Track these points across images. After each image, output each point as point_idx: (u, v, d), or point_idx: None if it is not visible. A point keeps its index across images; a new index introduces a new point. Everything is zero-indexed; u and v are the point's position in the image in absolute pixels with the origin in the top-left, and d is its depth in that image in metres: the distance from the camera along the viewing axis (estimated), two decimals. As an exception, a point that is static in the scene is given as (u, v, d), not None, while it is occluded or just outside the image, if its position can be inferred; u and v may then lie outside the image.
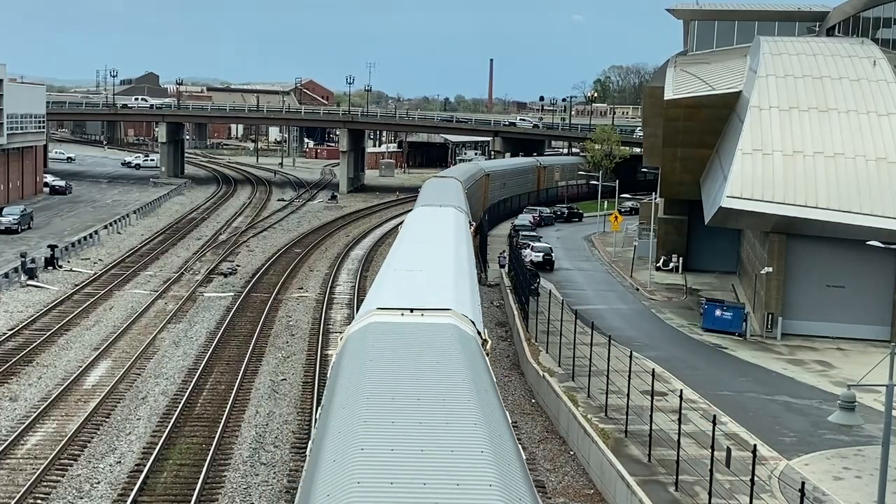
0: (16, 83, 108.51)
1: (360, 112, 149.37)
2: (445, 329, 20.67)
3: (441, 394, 16.16)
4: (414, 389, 16.34)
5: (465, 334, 20.95)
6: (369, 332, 20.47)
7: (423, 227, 41.72)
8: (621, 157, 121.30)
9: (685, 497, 28.30)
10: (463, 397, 16.03)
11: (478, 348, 21.11)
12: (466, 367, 17.92)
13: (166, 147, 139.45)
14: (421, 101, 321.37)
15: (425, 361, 17.97)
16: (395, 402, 15.68)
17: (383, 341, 19.59)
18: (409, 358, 18.27)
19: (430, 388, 16.42)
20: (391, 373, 17.26)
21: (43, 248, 69.84)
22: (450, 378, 17.10)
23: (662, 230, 74.30)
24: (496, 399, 17.77)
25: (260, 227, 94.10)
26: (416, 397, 15.93)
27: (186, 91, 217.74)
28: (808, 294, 51.45)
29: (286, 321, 54.16)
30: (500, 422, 16.11)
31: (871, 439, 33.31)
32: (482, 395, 16.69)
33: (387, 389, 16.31)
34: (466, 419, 14.99)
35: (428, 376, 17.10)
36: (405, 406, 15.52)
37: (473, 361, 18.92)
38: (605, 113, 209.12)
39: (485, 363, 20.22)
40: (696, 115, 64.69)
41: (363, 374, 17.38)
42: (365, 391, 16.27)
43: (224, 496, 29.99)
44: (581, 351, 40.52)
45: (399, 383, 16.67)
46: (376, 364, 17.84)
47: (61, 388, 39.75)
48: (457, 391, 16.36)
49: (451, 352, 18.87)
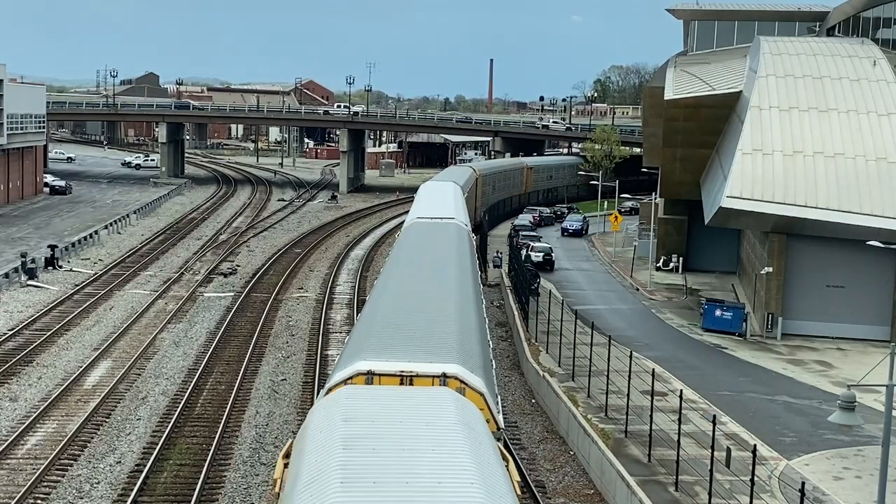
0: (16, 83, 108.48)
1: (361, 112, 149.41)
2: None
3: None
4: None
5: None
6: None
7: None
8: (621, 157, 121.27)
9: (685, 497, 28.29)
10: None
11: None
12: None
13: (166, 147, 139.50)
14: (421, 101, 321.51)
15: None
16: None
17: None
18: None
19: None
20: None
21: (43, 248, 69.82)
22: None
23: (662, 230, 74.29)
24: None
25: (260, 227, 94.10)
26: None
27: (186, 91, 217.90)
28: (807, 294, 51.44)
29: (286, 321, 54.15)
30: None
31: (871, 439, 33.31)
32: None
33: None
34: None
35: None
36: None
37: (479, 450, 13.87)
38: (605, 113, 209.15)
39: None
40: (696, 115, 64.70)
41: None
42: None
43: (224, 496, 29.98)
44: (581, 351, 40.50)
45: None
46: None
47: (61, 388, 39.74)
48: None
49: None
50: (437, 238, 38.32)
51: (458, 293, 27.02)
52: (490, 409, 18.06)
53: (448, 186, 62.56)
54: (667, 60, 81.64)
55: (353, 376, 18.15)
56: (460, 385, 17.91)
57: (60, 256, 68.51)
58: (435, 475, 12.40)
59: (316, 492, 11.96)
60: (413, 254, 35.16)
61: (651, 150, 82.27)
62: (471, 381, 18.18)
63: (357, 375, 18.15)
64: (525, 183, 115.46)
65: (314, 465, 13.09)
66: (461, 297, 26.81)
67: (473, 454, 13.15)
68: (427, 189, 61.47)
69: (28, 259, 64.05)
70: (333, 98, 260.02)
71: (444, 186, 62.70)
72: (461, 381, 18.08)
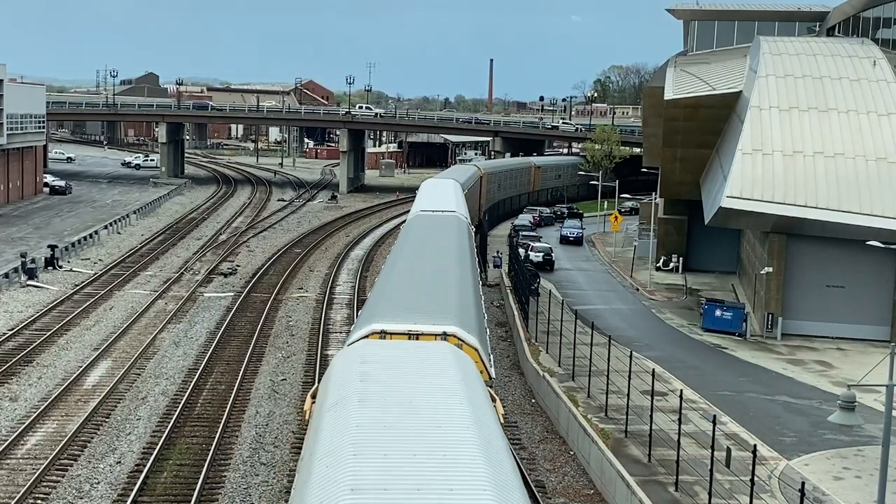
0: (16, 83, 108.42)
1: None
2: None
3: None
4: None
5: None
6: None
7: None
8: (621, 157, 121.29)
9: (685, 497, 28.29)
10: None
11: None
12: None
13: (166, 147, 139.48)
14: (421, 101, 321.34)
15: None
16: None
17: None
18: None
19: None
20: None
21: (43, 248, 69.83)
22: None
23: (662, 230, 74.29)
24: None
25: (260, 227, 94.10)
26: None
27: (186, 91, 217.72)
28: (807, 294, 51.45)
29: (286, 321, 54.16)
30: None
31: (871, 439, 33.30)
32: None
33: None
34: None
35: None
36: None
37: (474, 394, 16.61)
38: (605, 113, 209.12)
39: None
40: (696, 115, 64.72)
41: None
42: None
43: (224, 496, 29.98)
44: (581, 351, 40.50)
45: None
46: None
47: (61, 388, 39.74)
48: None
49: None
50: (438, 227, 41.67)
51: (457, 271, 30.53)
52: (483, 363, 20.72)
53: (449, 183, 65.72)
54: (667, 60, 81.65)
55: (369, 334, 20.61)
56: (458, 342, 20.47)
57: (60, 256, 68.51)
58: (434, 401, 15.22)
59: (340, 410, 15.17)
60: (417, 240, 38.36)
61: (651, 150, 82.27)
62: (467, 339, 20.92)
63: (372, 333, 20.64)
64: (533, 182, 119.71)
65: (338, 393, 16.18)
66: (460, 273, 30.23)
67: (466, 392, 15.86)
68: (429, 185, 64.78)
69: (28, 259, 64.05)
70: (333, 98, 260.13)
71: (445, 183, 66.09)
72: (459, 339, 20.70)
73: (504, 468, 13.35)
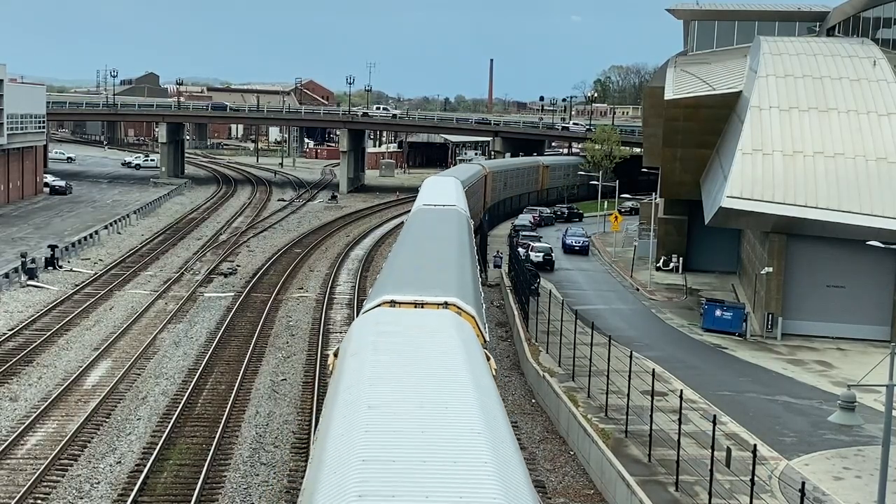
0: (16, 83, 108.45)
1: (361, 112, 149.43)
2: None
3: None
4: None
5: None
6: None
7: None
8: (621, 158, 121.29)
9: (685, 497, 28.30)
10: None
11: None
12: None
13: (166, 147, 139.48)
14: (421, 101, 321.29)
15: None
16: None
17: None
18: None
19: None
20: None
21: (43, 248, 69.84)
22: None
23: (662, 230, 74.29)
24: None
25: (260, 227, 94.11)
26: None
27: (186, 91, 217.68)
28: (807, 294, 51.46)
29: (286, 321, 54.16)
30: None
31: (871, 439, 33.31)
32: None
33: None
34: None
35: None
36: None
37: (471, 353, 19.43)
38: (605, 113, 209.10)
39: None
40: (696, 115, 64.71)
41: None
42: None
43: (224, 496, 29.98)
44: (581, 351, 40.52)
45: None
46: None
47: (61, 388, 39.74)
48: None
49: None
50: (440, 218, 45.49)
51: (456, 252, 34.60)
52: (479, 328, 23.79)
53: (450, 181, 68.12)
54: (667, 60, 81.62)
55: (381, 304, 23.73)
56: (458, 310, 23.53)
57: (60, 256, 68.52)
58: (436, 356, 18.24)
59: (359, 357, 18.56)
60: (420, 229, 41.92)
61: (651, 150, 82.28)
62: (465, 308, 24.04)
63: (384, 303, 23.79)
64: (541, 181, 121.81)
65: (357, 345, 19.73)
66: (459, 255, 34.25)
67: (464, 350, 18.99)
68: (431, 182, 67.41)
69: (28, 259, 64.07)
70: (333, 98, 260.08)
71: (446, 180, 68.43)
72: (458, 308, 23.79)
73: (492, 408, 16.28)
